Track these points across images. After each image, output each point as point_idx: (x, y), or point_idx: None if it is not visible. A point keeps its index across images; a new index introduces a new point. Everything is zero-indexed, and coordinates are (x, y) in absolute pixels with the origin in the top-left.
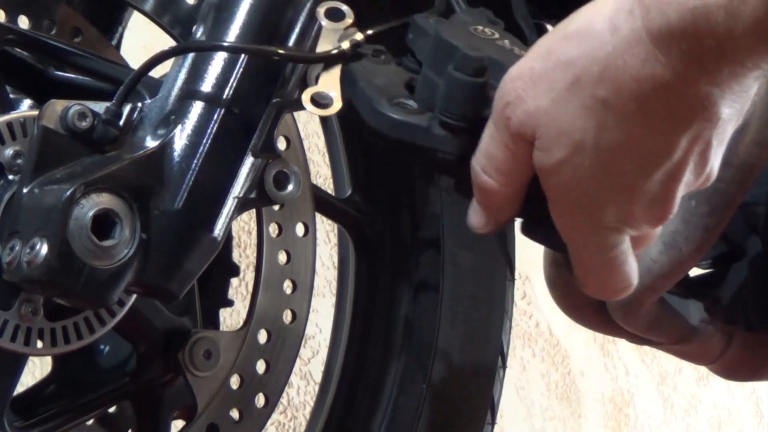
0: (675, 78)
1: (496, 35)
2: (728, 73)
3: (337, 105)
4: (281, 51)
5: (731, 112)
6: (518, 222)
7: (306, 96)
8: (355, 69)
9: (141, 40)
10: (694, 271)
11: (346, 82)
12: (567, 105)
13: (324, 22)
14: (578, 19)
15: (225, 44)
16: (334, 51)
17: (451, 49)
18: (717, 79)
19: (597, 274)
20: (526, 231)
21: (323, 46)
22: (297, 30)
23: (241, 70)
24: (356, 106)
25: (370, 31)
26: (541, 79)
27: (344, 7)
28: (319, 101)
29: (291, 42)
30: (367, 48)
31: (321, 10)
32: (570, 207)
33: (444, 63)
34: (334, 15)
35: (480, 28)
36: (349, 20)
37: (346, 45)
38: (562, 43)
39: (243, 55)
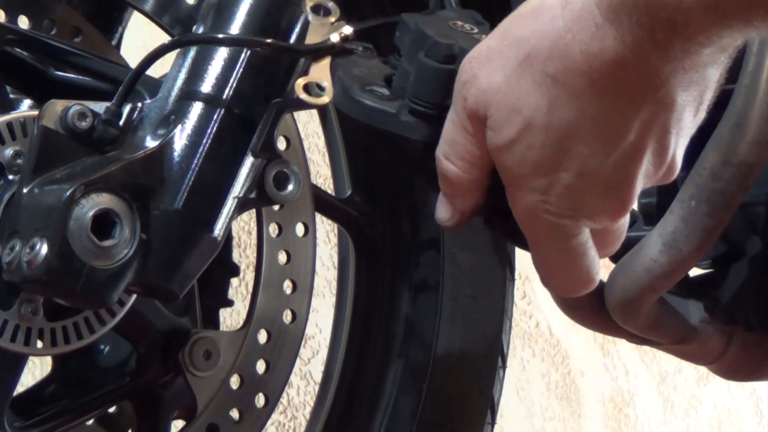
0: (625, 52)
1: (475, 30)
2: (680, 48)
3: (329, 94)
4: (272, 42)
5: (686, 98)
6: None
7: (298, 85)
8: (339, 63)
9: (140, 39)
10: (694, 271)
11: (331, 72)
12: (518, 82)
13: (310, 17)
14: None
15: (220, 36)
16: (328, 43)
17: (424, 37)
18: (668, 54)
19: (554, 267)
20: (487, 221)
21: (311, 40)
22: (297, 30)
23: (241, 70)
24: (335, 98)
25: (359, 26)
26: (495, 56)
27: (330, 3)
28: (311, 90)
29: (291, 41)
30: (357, 44)
31: (307, 6)
32: (522, 191)
33: (416, 51)
34: (320, 10)
35: (460, 23)
36: (335, 16)
37: (335, 37)
38: (518, 20)
39: (243, 55)
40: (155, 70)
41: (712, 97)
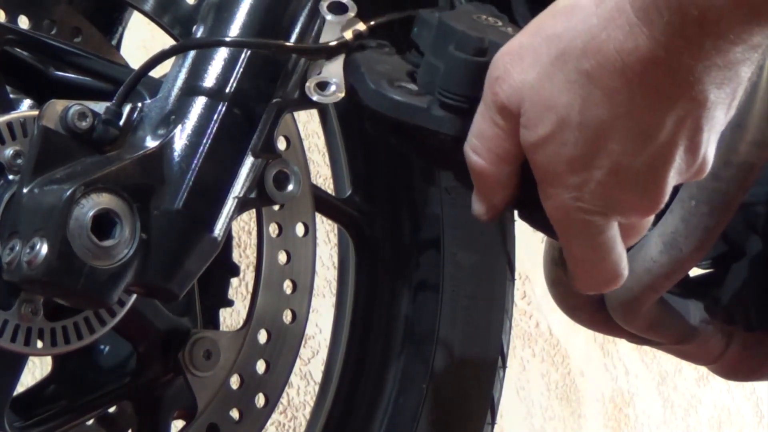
0: (658, 50)
1: (500, 23)
2: (711, 46)
3: (340, 93)
4: (284, 44)
5: (719, 95)
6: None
7: (310, 83)
8: (357, 58)
9: (141, 40)
10: (694, 271)
11: (348, 70)
12: (552, 79)
13: (328, 15)
14: None
15: (227, 39)
16: (335, 41)
17: (452, 31)
18: (700, 52)
19: (584, 262)
20: (522, 214)
21: (326, 38)
22: (297, 29)
23: (242, 69)
24: (357, 89)
25: (373, 22)
26: (528, 53)
27: (347, 0)
28: (323, 89)
29: (291, 41)
30: (371, 42)
31: (324, 4)
32: (555, 187)
33: (445, 45)
34: (337, 8)
35: (483, 16)
36: (352, 13)
37: (348, 35)
38: (551, 18)
39: (243, 55)
40: (155, 70)
41: (743, 93)
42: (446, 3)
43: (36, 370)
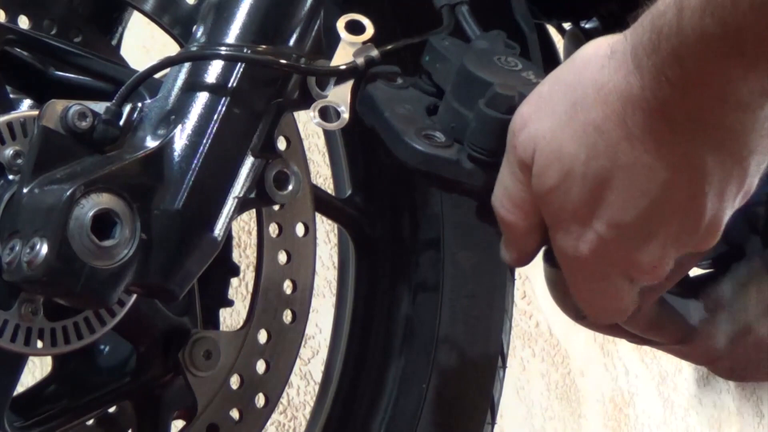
0: (649, 96)
1: (519, 66)
2: (698, 95)
3: (344, 120)
4: (295, 64)
5: (718, 160)
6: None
7: (314, 108)
8: (376, 97)
9: (141, 40)
10: (694, 271)
11: (366, 107)
12: (564, 129)
13: (343, 34)
14: (591, 44)
15: (234, 53)
16: (346, 65)
17: (480, 83)
18: (686, 100)
19: (587, 302)
20: (545, 256)
21: (339, 58)
22: (297, 30)
23: (242, 69)
24: (383, 137)
25: (385, 48)
26: (546, 103)
27: (365, 21)
28: (328, 114)
29: (291, 42)
30: (382, 69)
31: (341, 23)
32: (561, 234)
33: (472, 96)
34: (354, 28)
35: (503, 58)
36: (369, 34)
37: (360, 60)
38: (569, 67)
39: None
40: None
41: (764, 167)
42: (451, 23)
43: (36, 370)
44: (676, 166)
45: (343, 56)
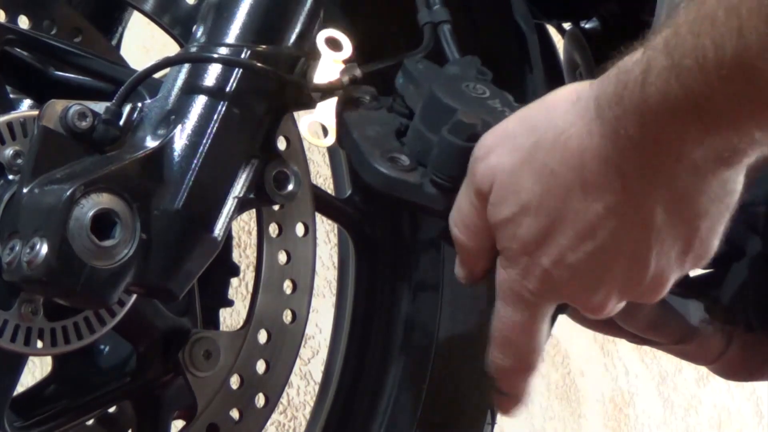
0: (607, 147)
1: (487, 93)
2: (651, 150)
3: (332, 137)
4: (284, 75)
5: (668, 220)
6: None
7: (303, 125)
8: (348, 118)
9: (141, 40)
10: (694, 271)
11: (341, 131)
12: (522, 167)
13: (323, 50)
14: (562, 88)
15: (234, 59)
16: (335, 85)
17: (446, 110)
18: (640, 155)
19: (503, 338)
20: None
21: (321, 75)
22: (297, 30)
23: (242, 70)
24: (351, 158)
25: (367, 68)
26: (509, 139)
27: (345, 40)
28: (317, 131)
29: (291, 42)
30: (360, 90)
31: (321, 39)
32: (508, 263)
33: (437, 122)
34: (334, 44)
35: (471, 85)
36: (348, 51)
37: (345, 79)
38: (537, 108)
39: (243, 55)
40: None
41: (717, 243)
42: (429, 43)
43: (36, 370)
44: (625, 218)
45: (325, 71)
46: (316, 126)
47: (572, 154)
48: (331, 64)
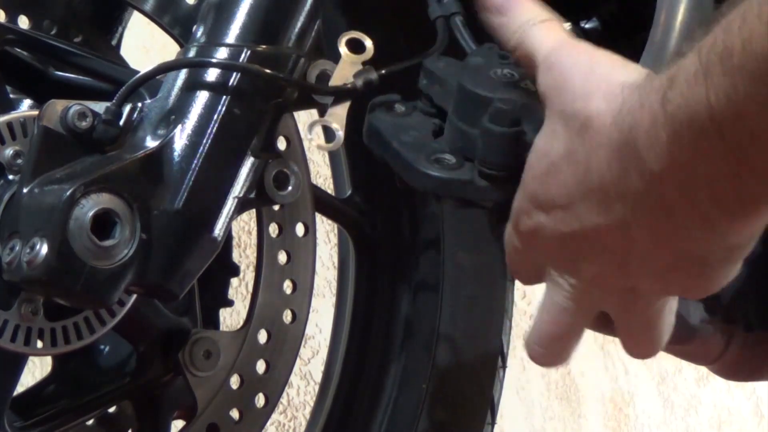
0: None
1: (516, 76)
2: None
3: (339, 141)
4: (297, 80)
5: (645, 241)
6: None
7: (310, 127)
8: (381, 129)
9: (141, 40)
10: None
11: (372, 138)
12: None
13: (344, 52)
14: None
15: (238, 64)
16: (345, 86)
17: (480, 101)
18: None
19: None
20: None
21: (338, 76)
22: (297, 30)
23: None
24: (395, 168)
25: (384, 70)
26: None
27: (367, 41)
28: (325, 134)
29: (291, 42)
30: (381, 99)
31: (342, 40)
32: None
33: (475, 114)
34: (355, 46)
35: (498, 71)
36: (369, 53)
37: (359, 82)
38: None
39: (243, 55)
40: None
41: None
42: (444, 38)
43: (36, 370)
44: (619, 222)
45: (343, 75)
46: (325, 129)
47: (623, 139)
48: (349, 68)
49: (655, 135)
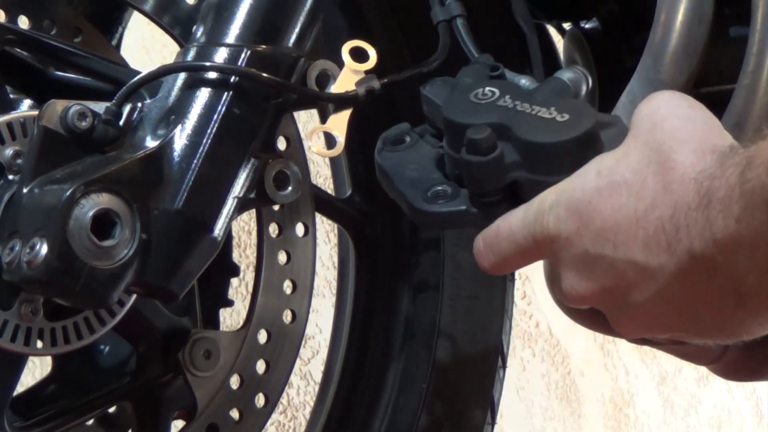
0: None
1: (496, 94)
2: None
3: (339, 148)
4: (298, 86)
5: (642, 293)
6: None
7: (311, 134)
8: (386, 168)
9: (141, 40)
10: None
11: (385, 183)
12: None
13: (347, 60)
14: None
15: (241, 69)
16: (347, 92)
17: (460, 129)
18: None
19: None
20: None
21: (341, 84)
22: (297, 30)
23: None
24: (400, 205)
25: (389, 79)
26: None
27: (371, 50)
28: (325, 141)
29: (291, 42)
30: (388, 134)
31: (346, 48)
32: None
33: (458, 143)
34: (359, 55)
35: (480, 91)
36: (372, 62)
37: (361, 90)
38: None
39: (243, 54)
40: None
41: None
42: (446, 45)
43: (36, 370)
44: (655, 267)
45: (345, 82)
46: (325, 135)
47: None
48: (351, 76)
49: (728, 206)
